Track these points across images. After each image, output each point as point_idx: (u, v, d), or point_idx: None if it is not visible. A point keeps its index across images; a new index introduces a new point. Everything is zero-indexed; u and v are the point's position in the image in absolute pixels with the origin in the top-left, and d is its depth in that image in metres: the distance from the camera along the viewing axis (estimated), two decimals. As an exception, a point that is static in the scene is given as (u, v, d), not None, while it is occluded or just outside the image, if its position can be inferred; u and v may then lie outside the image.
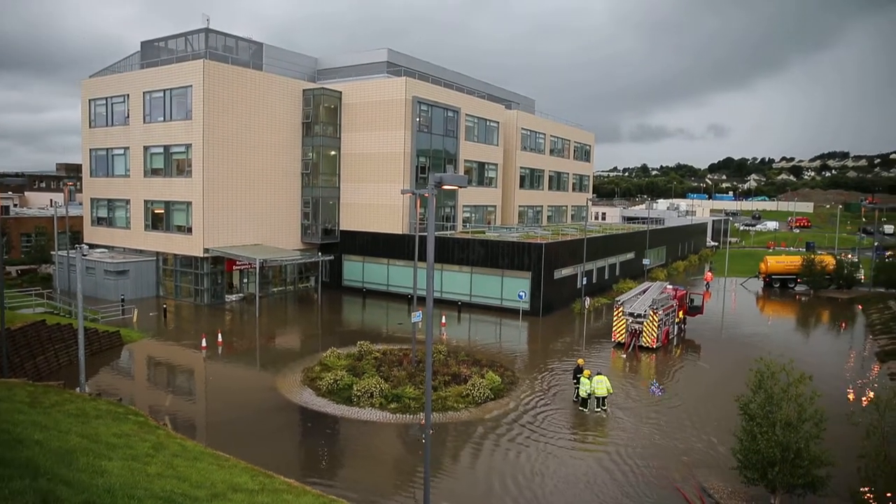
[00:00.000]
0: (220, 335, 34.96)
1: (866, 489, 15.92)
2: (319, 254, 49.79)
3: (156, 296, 47.01)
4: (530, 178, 66.66)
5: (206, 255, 43.86)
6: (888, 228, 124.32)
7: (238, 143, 44.93)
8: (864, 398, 27.35)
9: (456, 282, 47.19)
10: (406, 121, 48.37)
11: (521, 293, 42.59)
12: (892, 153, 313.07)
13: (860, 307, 52.38)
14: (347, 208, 52.24)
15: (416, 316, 27.14)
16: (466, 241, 46.99)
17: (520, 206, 64.64)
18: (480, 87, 65.50)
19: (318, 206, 51.17)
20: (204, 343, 33.55)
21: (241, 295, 47.32)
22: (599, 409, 25.47)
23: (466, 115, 54.77)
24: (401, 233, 49.33)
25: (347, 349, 32.37)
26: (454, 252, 47.11)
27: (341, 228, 52.65)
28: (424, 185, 15.21)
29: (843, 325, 46.56)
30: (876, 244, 76.39)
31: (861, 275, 61.12)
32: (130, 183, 47.96)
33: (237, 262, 46.05)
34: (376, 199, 50.19)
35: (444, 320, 41.29)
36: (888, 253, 69.73)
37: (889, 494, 15.52)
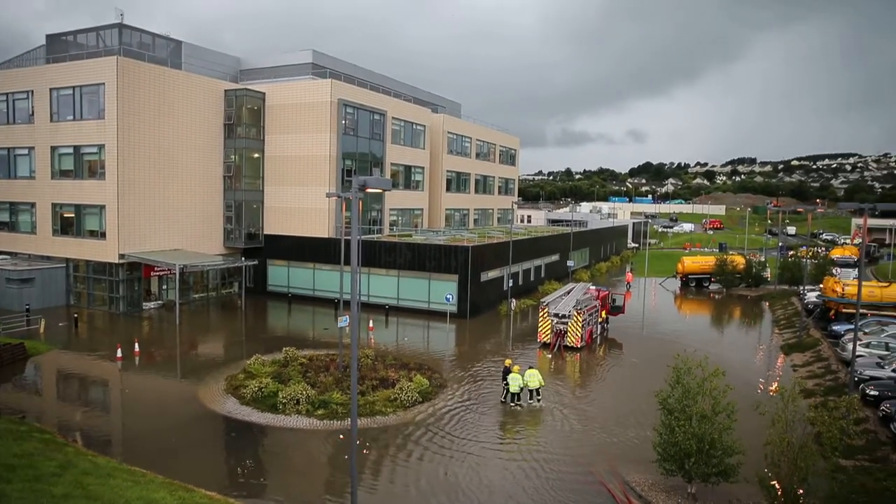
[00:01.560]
0: (136, 344, 33.39)
1: (772, 475, 16.85)
2: (243, 258, 48.42)
3: (66, 305, 44.45)
4: (457, 182, 67.14)
5: (121, 260, 41.87)
6: (791, 230, 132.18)
7: (156, 144, 43.15)
8: (770, 389, 28.94)
9: (383, 285, 46.92)
10: (331, 123, 47.76)
11: (448, 296, 42.78)
12: (793, 160, 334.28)
13: (767, 304, 55.48)
14: (272, 212, 51.08)
15: (343, 320, 26.80)
16: (393, 245, 46.82)
17: (446, 209, 64.99)
18: (407, 90, 65.49)
19: (242, 209, 49.79)
20: (119, 353, 31.97)
21: (160, 302, 45.43)
22: (533, 401, 26.56)
23: (393, 118, 54.63)
24: (327, 236, 48.65)
25: (273, 356, 31.63)
26: (381, 255, 46.84)
27: (266, 232, 51.41)
28: (350, 188, 14.94)
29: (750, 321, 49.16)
30: (780, 244, 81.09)
31: (767, 273, 64.81)
32: (36, 185, 45.23)
33: (155, 268, 44.20)
34: (301, 202, 49.31)
35: (371, 324, 40.97)
36: (790, 252, 74.08)
37: (795, 483, 16.47)
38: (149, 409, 25.66)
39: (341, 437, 22.64)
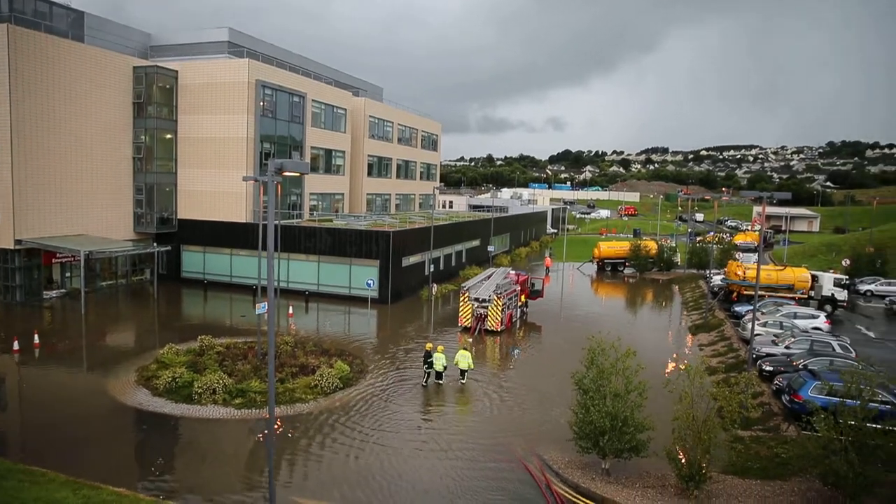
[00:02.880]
0: (36, 336, 31.42)
1: (679, 448, 17.82)
2: (155, 244, 46.40)
3: (-44, 294, 41.27)
4: (378, 167, 66.61)
5: (18, 247, 39.20)
6: (699, 216, 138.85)
7: (56, 122, 40.49)
8: (678, 367, 30.43)
9: (303, 271, 46.12)
10: (249, 105, 46.27)
11: (369, 281, 42.52)
12: (702, 150, 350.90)
13: (677, 287, 58.17)
14: (186, 195, 49.08)
15: (261, 307, 26.14)
16: (313, 230, 46.04)
17: (368, 194, 64.42)
18: (328, 73, 64.22)
19: (153, 193, 47.58)
20: (16, 345, 30.00)
21: (62, 291, 42.90)
22: (461, 379, 27.70)
23: (313, 100, 53.48)
24: (244, 221, 47.27)
25: (187, 344, 30.55)
26: (301, 241, 45.98)
27: (179, 217, 49.39)
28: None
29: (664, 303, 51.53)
30: (690, 230, 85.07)
31: (678, 258, 67.94)
32: (-81, 165, 41.56)
33: (57, 255, 41.68)
34: (217, 185, 47.63)
35: (291, 310, 40.23)
36: (700, 238, 77.84)
37: (699, 454, 17.46)
38: (51, 405, 24.22)
39: (260, 437, 22.14)
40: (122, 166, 46.23)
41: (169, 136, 48.40)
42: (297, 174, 12.97)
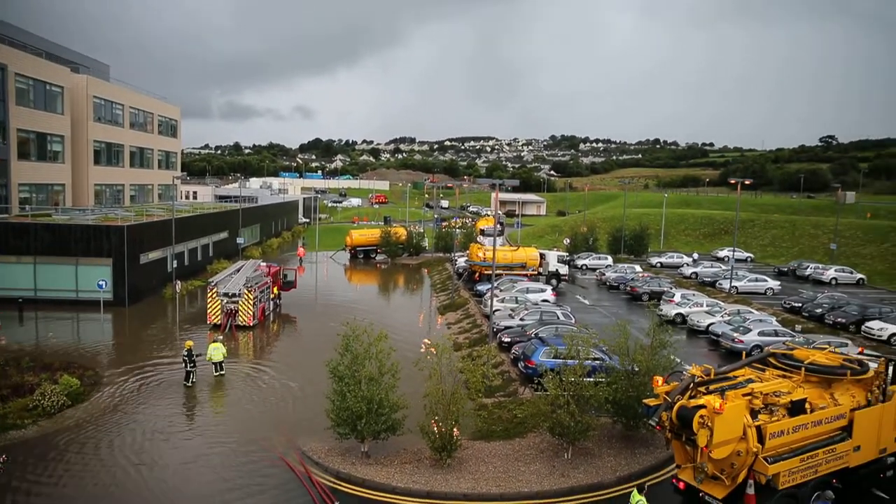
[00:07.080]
0: None
1: (431, 422, 18.95)
2: None
3: None
4: (108, 154, 59.61)
5: None
6: (444, 203, 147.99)
7: None
8: (427, 347, 32.23)
9: (14, 275, 39.55)
10: (-73, 76, 38.16)
11: (101, 282, 37.87)
12: (446, 141, 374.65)
13: (426, 270, 61.45)
14: None
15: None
16: (25, 226, 39.75)
17: (96, 184, 57.41)
18: (37, 43, 55.39)
19: None
20: None
21: None
22: (217, 374, 27.08)
23: (17, 74, 45.83)
24: (-72, 218, 39.09)
25: None
26: (9, 239, 39.40)
27: None
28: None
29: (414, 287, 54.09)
30: (436, 216, 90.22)
31: (426, 243, 71.75)
32: None
33: None
34: None
35: (-1, 322, 34.32)
36: (445, 223, 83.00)
37: (450, 425, 18.72)
38: None
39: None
40: None
41: None
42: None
